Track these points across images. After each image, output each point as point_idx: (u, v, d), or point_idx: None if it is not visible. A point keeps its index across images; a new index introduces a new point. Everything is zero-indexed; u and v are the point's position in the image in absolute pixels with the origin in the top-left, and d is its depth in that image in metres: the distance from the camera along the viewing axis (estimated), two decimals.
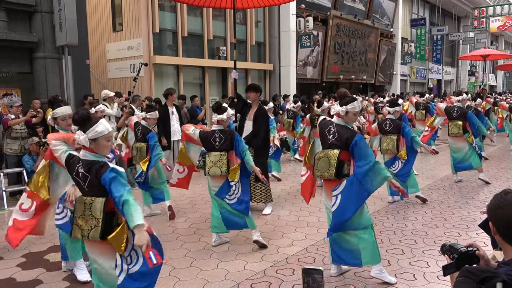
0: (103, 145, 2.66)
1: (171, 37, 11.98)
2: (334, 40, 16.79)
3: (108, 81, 12.21)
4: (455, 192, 6.84)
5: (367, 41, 19.05)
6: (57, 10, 8.86)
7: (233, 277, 3.81)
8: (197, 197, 6.81)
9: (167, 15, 11.79)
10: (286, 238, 4.77)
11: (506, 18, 28.86)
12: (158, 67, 11.48)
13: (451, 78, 30.88)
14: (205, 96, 12.60)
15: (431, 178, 7.94)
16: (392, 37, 21.69)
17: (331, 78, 17.26)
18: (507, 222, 1.64)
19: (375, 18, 19.79)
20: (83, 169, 2.63)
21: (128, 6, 11.37)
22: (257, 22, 14.62)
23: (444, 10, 27.17)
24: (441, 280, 3.60)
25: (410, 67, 24.22)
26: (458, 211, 5.74)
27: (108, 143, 2.69)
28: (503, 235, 1.66)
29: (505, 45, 37.97)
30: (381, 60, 20.60)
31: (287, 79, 14.84)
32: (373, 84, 20.73)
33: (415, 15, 24.86)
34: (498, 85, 38.13)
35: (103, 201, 2.59)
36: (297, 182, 7.63)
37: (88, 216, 2.60)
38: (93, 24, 12.26)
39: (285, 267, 4.01)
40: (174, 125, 7.72)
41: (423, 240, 4.66)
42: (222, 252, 4.41)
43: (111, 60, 12.14)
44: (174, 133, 7.71)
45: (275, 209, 5.91)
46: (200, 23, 12.56)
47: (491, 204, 1.73)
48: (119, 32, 11.83)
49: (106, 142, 2.67)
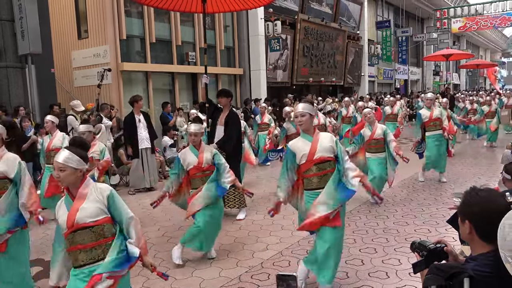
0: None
1: (139, 43, 11.82)
2: (302, 43, 16.97)
3: (75, 89, 11.91)
4: (424, 190, 7.02)
5: (335, 44, 19.34)
6: (18, 18, 8.60)
7: (208, 284, 3.78)
8: (170, 205, 6.71)
9: (134, 21, 11.62)
10: (261, 243, 4.77)
11: (466, 19, 29.93)
12: (126, 74, 11.29)
13: (417, 78, 31.73)
14: (175, 102, 12.47)
15: (401, 176, 8.12)
16: (359, 39, 22.11)
17: (301, 81, 17.43)
18: (481, 219, 1.68)
19: (341, 21, 20.12)
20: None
21: (93, 12, 11.14)
22: (226, 26, 14.61)
23: (407, 12, 27.93)
24: (413, 277, 3.68)
25: (377, 68, 24.74)
26: (428, 208, 5.88)
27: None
28: (477, 231, 1.70)
29: (467, 44, 39.33)
30: (349, 62, 20.95)
31: (257, 83, 14.88)
32: (342, 85, 21.05)
33: (380, 18, 25.43)
34: (461, 83, 39.45)
35: None
36: (271, 186, 7.65)
37: None
38: (57, 31, 11.94)
39: (260, 272, 4.00)
40: (141, 133, 7.54)
41: (395, 238, 4.75)
42: (196, 260, 4.36)
43: (77, 68, 11.85)
44: (142, 141, 7.55)
45: (249, 214, 5.91)
46: (168, 28, 12.44)
47: (464, 201, 1.77)
48: (85, 39, 11.57)
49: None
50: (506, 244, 1.47)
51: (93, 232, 2.46)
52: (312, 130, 3.56)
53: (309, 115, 3.49)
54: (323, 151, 3.46)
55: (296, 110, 3.57)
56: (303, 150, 3.48)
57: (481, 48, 47.00)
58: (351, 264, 4.07)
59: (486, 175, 7.97)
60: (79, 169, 2.50)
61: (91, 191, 2.53)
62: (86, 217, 2.44)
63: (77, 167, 2.48)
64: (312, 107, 3.64)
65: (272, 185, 7.73)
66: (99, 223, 2.47)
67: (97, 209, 2.48)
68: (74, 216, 2.44)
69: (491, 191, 1.75)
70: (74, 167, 2.47)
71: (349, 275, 3.84)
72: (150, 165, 7.66)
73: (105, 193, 2.53)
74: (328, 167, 3.48)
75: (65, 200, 2.55)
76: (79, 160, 2.50)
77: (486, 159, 9.92)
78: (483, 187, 1.78)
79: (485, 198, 1.69)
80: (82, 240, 2.45)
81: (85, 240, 2.45)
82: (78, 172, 2.50)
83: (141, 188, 7.62)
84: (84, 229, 2.45)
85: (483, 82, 47.64)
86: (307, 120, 3.49)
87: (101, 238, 2.48)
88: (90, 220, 2.45)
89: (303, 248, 4.57)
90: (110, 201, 2.53)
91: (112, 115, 9.30)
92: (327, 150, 3.47)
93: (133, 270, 4.10)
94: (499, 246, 1.51)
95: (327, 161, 3.47)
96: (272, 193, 7.11)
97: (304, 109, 3.51)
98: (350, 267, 4.01)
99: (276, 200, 3.59)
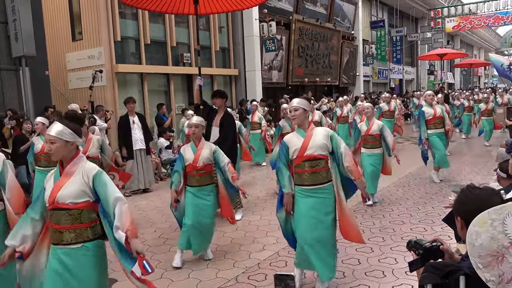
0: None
1: (133, 45, 11.78)
2: (297, 43, 16.99)
3: (69, 91, 11.86)
4: (420, 188, 7.04)
5: (329, 44, 19.38)
6: (12, 20, 8.55)
7: (205, 286, 3.77)
8: (166, 206, 6.70)
9: (129, 22, 11.59)
10: (257, 243, 4.77)
11: (460, 19, 30.06)
12: (121, 76, 11.26)
13: (412, 77, 31.85)
14: (170, 103, 12.45)
15: (396, 175, 8.14)
16: (353, 39, 22.16)
17: (296, 81, 17.45)
18: (471, 216, 1.69)
19: (336, 21, 20.16)
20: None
21: (87, 14, 11.10)
22: (221, 27, 14.60)
23: (402, 12, 28.04)
24: (409, 275, 3.69)
25: (372, 68, 24.82)
26: (423, 207, 5.91)
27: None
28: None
29: (461, 44, 39.54)
30: (344, 62, 21.00)
31: (253, 83, 14.88)
32: (338, 85, 21.10)
33: (375, 18, 25.51)
34: (456, 82, 39.63)
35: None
36: (267, 186, 7.65)
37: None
38: (51, 33, 11.89)
39: (257, 272, 4.00)
40: (135, 134, 7.53)
41: (391, 237, 4.77)
42: (193, 261, 4.35)
43: (71, 70, 11.80)
44: (136, 142, 7.54)
45: (246, 215, 5.90)
46: (162, 30, 12.42)
47: (459, 199, 1.78)
48: (79, 41, 11.53)
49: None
50: (475, 251, 1.48)
51: (70, 215, 2.40)
52: (307, 125, 3.51)
53: (302, 110, 3.46)
54: (315, 147, 3.42)
55: (290, 105, 3.55)
56: (296, 145, 3.47)
57: (475, 47, 47.26)
58: (348, 263, 4.08)
59: (481, 174, 8.01)
60: (70, 142, 2.44)
61: (79, 170, 2.45)
62: (67, 197, 2.39)
63: (69, 139, 2.43)
64: (308, 103, 3.59)
65: (268, 185, 7.73)
66: (78, 207, 2.41)
67: (80, 191, 2.41)
68: (56, 193, 2.41)
69: (486, 189, 1.76)
70: (66, 140, 2.41)
71: (345, 274, 3.85)
72: (144, 166, 7.64)
73: (92, 172, 2.44)
74: (319, 165, 3.44)
75: (55, 173, 2.50)
76: (71, 133, 2.44)
77: (481, 157, 9.96)
78: (479, 185, 1.80)
79: (479, 196, 1.70)
80: (57, 220, 2.41)
81: (61, 221, 2.41)
82: (69, 145, 2.44)
83: (136, 190, 7.60)
84: (61, 210, 2.40)
85: (477, 81, 47.94)
86: (300, 115, 3.45)
87: (76, 222, 2.42)
88: (70, 201, 2.39)
89: None
90: (95, 181, 2.42)
91: (107, 117, 9.27)
92: (320, 147, 3.42)
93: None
94: (468, 253, 1.51)
95: (319, 159, 3.44)
96: (269, 194, 7.13)
97: (298, 103, 3.47)
98: (347, 266, 4.01)
99: (286, 193, 3.51)
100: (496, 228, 1.44)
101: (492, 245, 1.44)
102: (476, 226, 1.50)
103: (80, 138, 2.53)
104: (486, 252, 1.45)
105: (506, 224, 1.43)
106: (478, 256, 1.47)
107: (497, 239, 1.44)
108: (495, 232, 1.44)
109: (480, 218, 1.50)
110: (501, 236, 1.43)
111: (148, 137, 7.81)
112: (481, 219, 1.49)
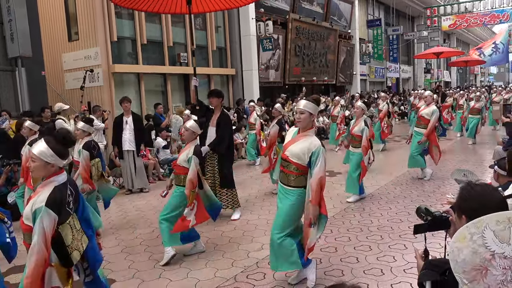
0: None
1: (130, 45, 11.75)
2: (294, 43, 16.99)
3: (66, 92, 11.82)
4: (418, 187, 7.06)
5: (326, 43, 19.39)
6: (7, 21, 8.52)
7: (204, 285, 3.77)
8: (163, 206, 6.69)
9: (125, 22, 11.56)
10: (256, 242, 4.76)
11: (456, 17, 30.13)
12: (118, 76, 11.23)
13: (408, 76, 31.92)
14: (167, 103, 12.43)
15: (394, 173, 8.16)
16: (350, 38, 22.19)
17: (293, 80, 17.46)
18: (478, 214, 1.69)
19: (333, 20, 20.18)
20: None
21: (83, 14, 11.07)
22: (217, 27, 14.58)
23: (398, 11, 28.09)
24: (407, 273, 3.69)
25: (369, 67, 24.85)
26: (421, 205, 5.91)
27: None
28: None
29: (457, 42, 39.65)
30: (341, 61, 21.02)
31: (250, 83, 14.87)
32: (335, 84, 21.12)
33: (371, 16, 25.55)
34: (452, 81, 39.73)
35: None
36: (265, 185, 7.65)
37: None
38: (48, 34, 11.84)
39: (256, 271, 3.99)
40: (125, 135, 7.48)
41: (389, 235, 4.77)
42: (191, 261, 4.34)
43: (68, 71, 11.76)
44: (125, 143, 7.50)
45: (244, 214, 5.89)
46: (159, 30, 12.39)
47: (461, 196, 1.78)
48: (75, 42, 11.49)
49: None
50: (458, 267, 1.46)
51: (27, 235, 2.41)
52: (308, 128, 3.43)
53: (308, 114, 3.37)
54: (291, 152, 3.39)
55: (297, 106, 3.47)
56: (286, 139, 3.56)
57: (471, 45, 47.26)
58: (346, 262, 4.08)
59: (477, 171, 8.03)
60: (50, 164, 2.41)
61: (40, 192, 2.38)
62: (25, 216, 2.39)
63: (49, 161, 2.39)
64: (315, 107, 3.43)
65: (265, 184, 7.73)
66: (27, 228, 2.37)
67: (27, 214, 2.36)
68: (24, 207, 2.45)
69: (486, 186, 1.77)
70: (46, 161, 2.39)
71: (344, 272, 3.85)
72: (132, 167, 7.56)
73: (35, 206, 2.33)
74: (289, 168, 3.39)
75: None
76: (52, 154, 2.39)
77: (475, 155, 10.00)
78: (477, 182, 1.80)
79: (481, 192, 1.70)
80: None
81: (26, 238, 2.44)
82: (49, 166, 2.41)
83: (126, 190, 7.61)
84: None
85: (474, 79, 48.05)
86: (305, 119, 3.37)
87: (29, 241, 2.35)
88: (26, 222, 2.39)
89: None
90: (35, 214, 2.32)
91: (105, 117, 9.24)
92: (295, 155, 3.35)
93: (128, 270, 4.08)
94: (452, 269, 1.50)
95: (291, 163, 3.37)
96: (267, 193, 7.12)
97: (305, 106, 3.37)
98: (345, 265, 4.02)
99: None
100: (476, 242, 1.43)
101: (474, 259, 1.42)
102: (456, 242, 1.48)
103: (64, 160, 2.49)
104: (469, 267, 1.43)
105: (485, 236, 1.42)
106: (463, 272, 1.45)
107: (478, 252, 1.42)
108: (476, 245, 1.42)
109: (460, 234, 1.49)
110: (482, 249, 1.41)
111: (140, 138, 7.72)
112: (460, 234, 1.48)
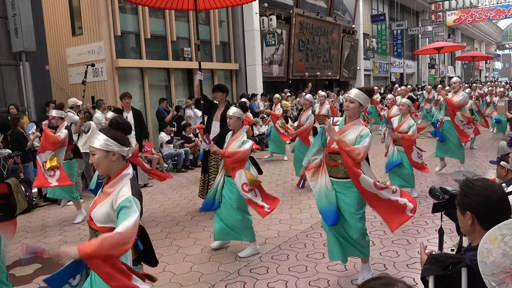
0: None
1: (133, 39, 11.75)
2: (298, 38, 16.94)
3: (70, 86, 11.85)
4: (421, 182, 7.05)
5: (330, 38, 19.32)
6: (12, 15, 8.53)
7: (207, 279, 3.79)
8: (168, 201, 6.73)
9: (129, 17, 11.55)
10: (259, 237, 4.77)
11: (461, 12, 29.96)
12: (121, 71, 11.24)
13: (412, 71, 31.77)
14: (171, 98, 12.44)
15: None
16: (354, 33, 22.09)
17: (297, 75, 17.42)
18: (482, 208, 1.69)
19: (337, 15, 20.09)
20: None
21: (87, 9, 11.07)
22: (221, 22, 14.56)
23: (402, 6, 27.93)
24: (410, 268, 3.70)
25: (373, 62, 24.75)
26: (425, 200, 5.91)
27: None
28: (479, 221, 1.69)
29: (462, 37, 39.38)
30: (345, 56, 20.94)
31: (253, 78, 14.86)
32: (338, 80, 21.07)
33: (375, 11, 25.41)
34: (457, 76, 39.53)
35: None
36: (268, 181, 7.66)
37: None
38: (51, 28, 11.86)
39: (259, 265, 4.01)
40: None
41: None
42: (195, 255, 4.37)
43: (71, 65, 11.78)
44: None
45: None
46: (163, 24, 12.38)
47: (463, 192, 1.78)
48: (79, 36, 11.50)
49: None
50: (487, 269, 1.43)
51: (96, 235, 2.24)
52: (356, 117, 3.40)
53: (358, 104, 3.35)
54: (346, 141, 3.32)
55: (348, 94, 3.45)
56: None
57: (476, 40, 47.07)
58: (349, 257, 4.08)
59: (482, 167, 8.02)
60: (111, 153, 2.24)
61: (116, 190, 2.23)
62: (95, 219, 2.27)
63: (109, 150, 2.22)
64: (367, 98, 3.40)
65: (269, 179, 7.74)
66: (103, 230, 2.23)
67: (105, 216, 2.22)
68: (91, 210, 2.29)
69: (485, 180, 1.77)
70: (106, 150, 2.22)
71: (347, 267, 3.86)
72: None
73: (120, 200, 2.18)
74: (339, 159, 3.37)
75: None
76: (110, 141, 2.23)
77: (481, 151, 9.96)
78: (476, 177, 1.80)
79: (482, 187, 1.70)
80: (91, 236, 2.33)
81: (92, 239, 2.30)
82: (110, 155, 2.24)
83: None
84: (91, 229, 2.30)
85: (478, 74, 47.74)
86: (354, 108, 3.36)
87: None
88: (99, 224, 2.26)
89: (301, 241, 4.59)
90: (118, 210, 2.17)
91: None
92: (350, 143, 3.30)
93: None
94: (481, 272, 1.46)
95: (339, 153, 3.35)
96: (270, 187, 7.13)
97: (356, 96, 3.36)
98: (349, 260, 4.02)
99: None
100: (508, 244, 1.38)
101: (504, 261, 1.38)
102: (486, 243, 1.45)
103: (125, 147, 2.30)
104: (499, 270, 1.39)
105: None
106: (491, 274, 1.41)
107: (509, 255, 1.37)
108: (507, 247, 1.38)
109: (490, 234, 1.44)
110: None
111: (139, 134, 7.52)
112: (491, 235, 1.44)
